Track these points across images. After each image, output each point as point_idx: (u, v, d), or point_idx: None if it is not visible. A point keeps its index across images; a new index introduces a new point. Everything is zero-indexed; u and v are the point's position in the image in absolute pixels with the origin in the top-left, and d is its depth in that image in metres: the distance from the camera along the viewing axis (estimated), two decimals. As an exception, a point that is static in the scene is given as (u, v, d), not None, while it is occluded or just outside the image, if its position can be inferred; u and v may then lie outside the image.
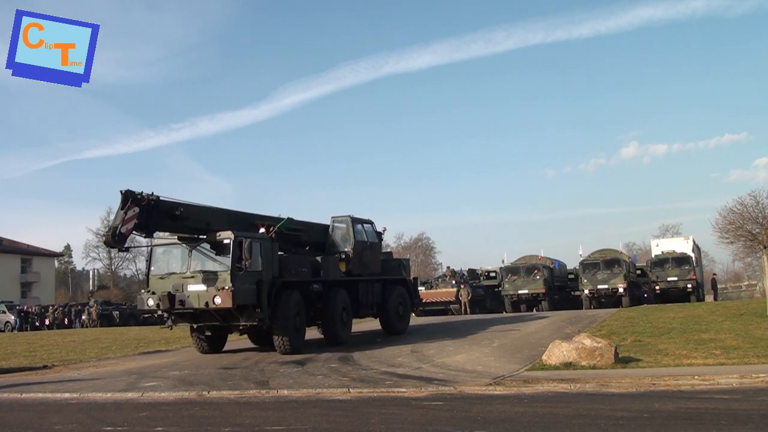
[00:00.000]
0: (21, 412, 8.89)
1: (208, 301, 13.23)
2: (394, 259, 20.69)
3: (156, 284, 14.15)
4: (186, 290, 13.65)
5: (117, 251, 14.68)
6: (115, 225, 12.29)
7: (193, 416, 7.89)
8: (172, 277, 13.99)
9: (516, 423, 6.73)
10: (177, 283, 13.78)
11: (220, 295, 13.08)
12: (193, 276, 13.75)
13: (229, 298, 13.03)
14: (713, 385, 8.87)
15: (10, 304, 44.53)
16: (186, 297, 13.55)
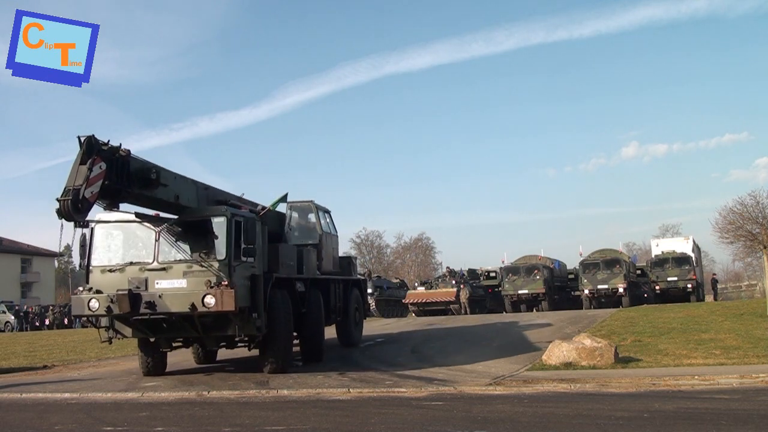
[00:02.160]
0: (21, 412, 8.89)
1: (195, 303, 9.86)
2: (343, 256, 17.08)
3: (101, 279, 10.57)
4: (154, 287, 10.27)
5: (74, 225, 9.35)
6: (77, 186, 8.58)
7: (193, 416, 7.89)
8: (129, 270, 10.48)
9: (516, 423, 6.73)
10: (137, 277, 10.34)
11: (214, 294, 9.83)
12: (165, 268, 10.36)
13: (231, 299, 9.81)
14: (713, 385, 8.87)
15: (10, 304, 44.54)
16: (157, 297, 10.05)
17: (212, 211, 10.86)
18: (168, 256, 10.56)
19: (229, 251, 10.33)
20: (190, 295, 10.03)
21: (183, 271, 10.35)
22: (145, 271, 10.48)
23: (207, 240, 10.51)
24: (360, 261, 68.89)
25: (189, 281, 10.26)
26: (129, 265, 10.62)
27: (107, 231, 11.00)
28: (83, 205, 8.74)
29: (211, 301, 9.88)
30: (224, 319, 10.43)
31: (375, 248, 76.49)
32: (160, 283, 10.32)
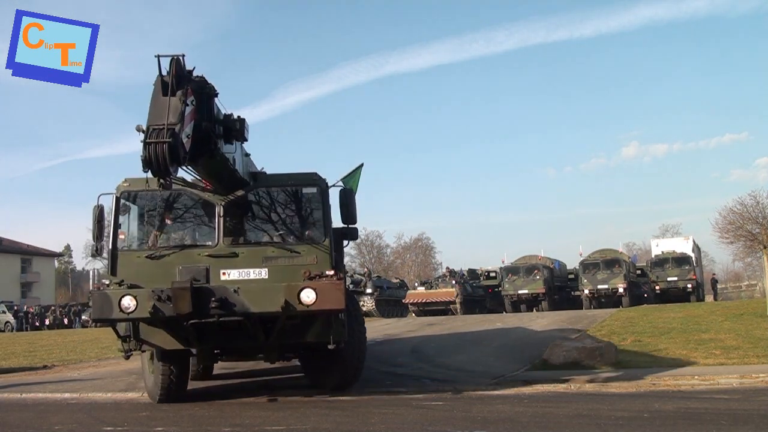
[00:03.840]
0: (21, 412, 8.89)
1: (290, 300, 7.44)
2: None
3: (136, 269, 7.95)
4: (219, 279, 7.83)
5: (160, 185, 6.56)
6: (171, 124, 6.31)
7: (193, 416, 7.89)
8: (182, 256, 8.01)
9: (516, 423, 6.73)
10: (193, 266, 7.90)
11: (315, 288, 7.47)
12: (236, 253, 8.00)
13: (340, 294, 7.58)
14: (713, 385, 8.88)
15: (10, 304, 44.56)
16: (231, 293, 7.49)
17: (300, 178, 8.55)
18: (237, 237, 8.24)
19: (328, 232, 8.29)
20: (280, 289, 7.53)
21: (263, 257, 7.99)
22: (204, 256, 7.94)
23: (291, 216, 8.58)
24: (360, 261, 68.96)
25: (272, 271, 7.92)
26: (181, 248, 8.08)
27: (142, 202, 8.55)
28: (182, 152, 6.43)
29: (310, 297, 7.47)
30: (310, 321, 8.10)
31: (375, 248, 76.49)
32: (229, 274, 7.90)
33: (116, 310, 7.40)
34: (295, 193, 8.70)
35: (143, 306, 7.39)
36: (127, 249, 8.24)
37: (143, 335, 8.15)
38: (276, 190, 8.66)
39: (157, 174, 6.48)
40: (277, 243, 8.25)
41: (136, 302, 7.40)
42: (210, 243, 8.19)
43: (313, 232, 8.43)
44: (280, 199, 8.70)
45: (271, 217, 8.69)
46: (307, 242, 8.26)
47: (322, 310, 7.62)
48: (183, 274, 7.80)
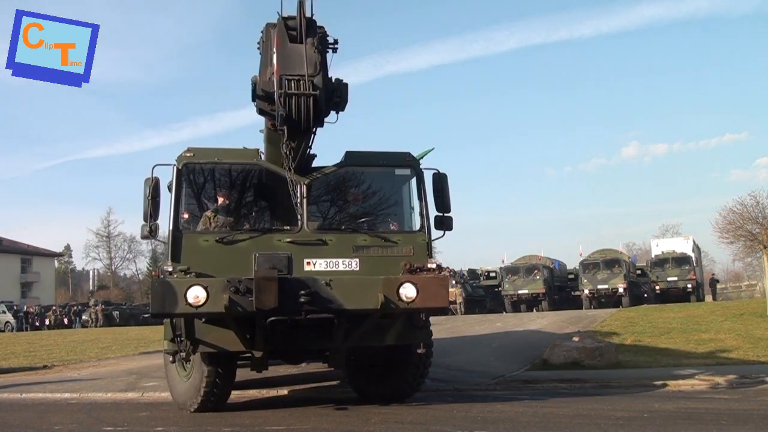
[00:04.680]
0: (21, 412, 8.89)
1: (389, 295, 6.56)
2: None
3: (203, 255, 6.87)
4: (303, 270, 6.89)
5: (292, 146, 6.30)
6: (311, 75, 5.80)
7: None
8: (260, 241, 6.99)
9: (516, 423, 6.72)
10: (272, 253, 6.90)
11: (416, 283, 6.66)
12: (323, 240, 7.06)
13: (444, 289, 6.94)
14: (713, 385, 8.88)
15: (10, 304, 44.58)
16: (322, 286, 6.52)
17: (391, 158, 7.63)
18: (323, 222, 7.30)
19: (425, 220, 7.38)
20: (378, 283, 6.61)
21: (353, 245, 7.07)
22: (285, 243, 6.94)
23: (383, 201, 7.71)
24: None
25: (364, 262, 7.03)
26: (260, 233, 7.04)
27: (207, 176, 7.42)
28: (324, 109, 5.84)
29: (411, 293, 6.60)
30: (392, 321, 7.23)
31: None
32: (314, 264, 6.92)
33: (182, 303, 6.23)
34: (386, 174, 7.72)
35: (216, 299, 6.25)
36: (192, 231, 7.06)
37: (199, 334, 6.91)
38: (366, 170, 7.65)
39: (295, 135, 5.81)
40: (369, 230, 7.28)
41: (207, 294, 6.27)
42: (292, 228, 7.10)
43: (408, 220, 7.60)
44: (369, 180, 7.68)
45: (361, 201, 7.72)
46: (402, 231, 7.40)
47: (423, 307, 6.86)
48: (261, 262, 6.73)
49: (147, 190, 7.02)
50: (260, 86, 6.26)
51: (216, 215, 7.28)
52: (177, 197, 7.09)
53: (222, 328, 6.92)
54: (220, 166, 7.45)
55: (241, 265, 6.75)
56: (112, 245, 74.50)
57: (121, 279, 78.60)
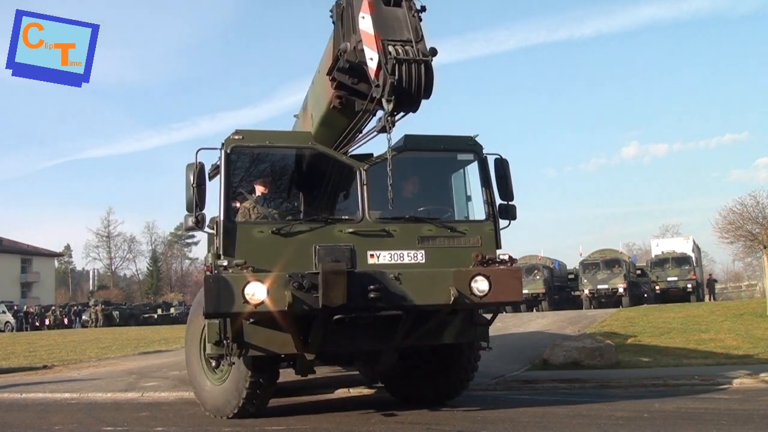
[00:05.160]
0: (21, 412, 8.89)
1: (461, 290, 6.23)
2: None
3: (257, 247, 6.22)
4: (367, 263, 6.30)
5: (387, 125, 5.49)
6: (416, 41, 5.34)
7: (193, 416, 7.89)
8: (318, 232, 6.37)
9: (516, 423, 6.72)
10: (333, 245, 6.32)
11: (488, 276, 6.34)
12: (386, 230, 6.48)
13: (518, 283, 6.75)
14: (713, 385, 8.88)
15: (10, 304, 44.60)
16: (391, 280, 6.09)
17: (454, 142, 7.08)
18: (385, 212, 6.59)
19: (492, 208, 6.87)
20: (449, 276, 6.24)
21: (418, 236, 6.56)
22: (346, 234, 6.39)
23: (445, 188, 7.28)
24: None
25: (430, 253, 6.51)
26: (322, 223, 6.43)
27: (256, 162, 6.88)
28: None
29: (483, 287, 6.26)
30: (456, 317, 6.84)
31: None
32: (378, 256, 6.38)
33: (239, 301, 5.77)
34: (448, 160, 7.23)
35: (278, 296, 5.79)
36: (245, 221, 6.46)
37: (247, 337, 6.36)
38: (426, 155, 7.17)
39: (406, 106, 5.33)
40: (435, 220, 6.75)
41: (267, 291, 5.79)
42: (352, 217, 6.58)
43: (472, 209, 7.09)
44: (430, 166, 7.23)
45: (422, 188, 7.20)
46: (468, 220, 6.95)
47: (497, 302, 6.59)
48: (322, 255, 6.15)
49: (191, 176, 6.33)
50: (344, 57, 5.64)
51: (255, 206, 6.75)
52: (227, 184, 6.38)
53: (270, 329, 6.38)
54: (271, 150, 6.80)
55: (300, 258, 6.17)
56: (112, 245, 74.66)
57: (121, 279, 78.65)
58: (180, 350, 18.25)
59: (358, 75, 5.77)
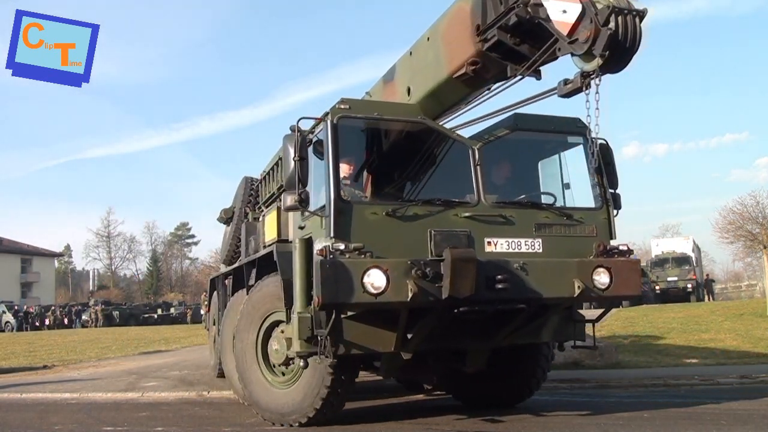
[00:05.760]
0: (21, 412, 8.89)
1: (583, 282, 5.80)
2: None
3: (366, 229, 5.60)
4: (484, 251, 5.76)
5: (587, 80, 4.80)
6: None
7: (193, 416, 7.89)
8: (438, 217, 5.81)
9: (516, 423, 6.72)
10: (448, 230, 5.72)
11: (609, 268, 5.97)
12: (504, 216, 5.97)
13: (637, 276, 6.37)
14: (713, 385, 8.88)
15: (10, 304, 44.62)
16: (515, 269, 5.62)
17: (562, 123, 6.60)
18: (500, 196, 6.16)
19: (605, 195, 6.43)
20: (572, 267, 5.86)
21: (534, 223, 6.08)
22: (462, 218, 5.86)
23: (552, 171, 6.78)
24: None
25: (547, 242, 6.05)
26: (438, 206, 5.86)
27: (363, 135, 6.27)
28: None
29: (605, 279, 5.91)
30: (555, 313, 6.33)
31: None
32: (496, 244, 5.86)
33: (358, 290, 5.22)
34: (557, 142, 6.74)
35: (399, 285, 5.27)
36: (360, 201, 5.85)
37: (348, 334, 5.79)
38: (536, 136, 6.70)
39: (615, 64, 4.84)
40: (551, 206, 6.29)
41: (387, 279, 5.26)
42: (467, 200, 6.01)
43: (574, 196, 6.58)
44: (540, 148, 6.77)
45: (529, 172, 6.73)
46: (581, 208, 6.39)
47: (618, 296, 6.16)
48: (438, 241, 5.59)
49: (292, 149, 5.67)
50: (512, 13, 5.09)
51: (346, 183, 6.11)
52: (335, 158, 5.70)
53: (365, 324, 5.84)
54: (379, 122, 6.14)
55: (414, 243, 5.60)
56: (112, 245, 74.70)
57: (121, 279, 78.68)
58: (180, 350, 18.28)
59: (523, 34, 5.15)
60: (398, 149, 6.32)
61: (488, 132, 6.37)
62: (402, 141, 6.31)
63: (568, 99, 5.22)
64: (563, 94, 5.19)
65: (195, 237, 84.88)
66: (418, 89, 6.17)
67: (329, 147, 5.76)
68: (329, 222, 5.58)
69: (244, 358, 7.10)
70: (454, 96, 6.03)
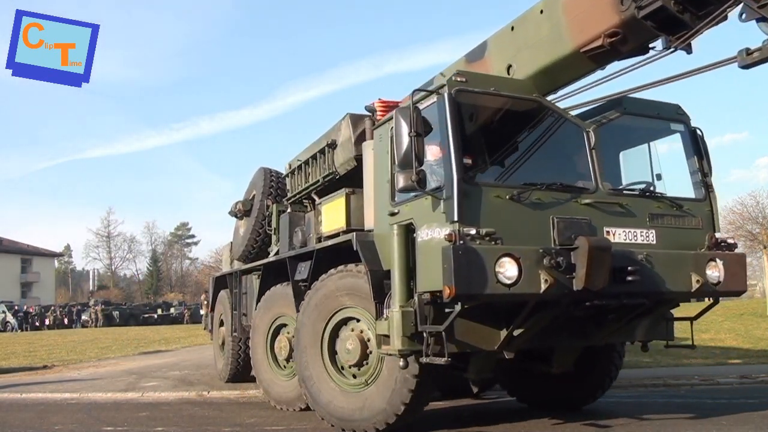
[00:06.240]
0: (21, 412, 8.89)
1: (698, 276, 5.55)
2: None
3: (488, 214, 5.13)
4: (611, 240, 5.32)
5: None
6: None
7: (193, 416, 7.89)
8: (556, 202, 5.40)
9: (515, 423, 6.73)
10: (571, 219, 5.33)
11: (723, 262, 5.73)
12: (620, 204, 5.66)
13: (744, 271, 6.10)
14: (713, 385, 8.88)
15: (10, 304, 44.64)
16: (640, 261, 5.31)
17: (662, 109, 6.33)
18: (615, 183, 5.89)
19: (709, 186, 6.27)
20: (689, 260, 5.60)
21: (649, 213, 5.76)
22: (582, 206, 5.47)
23: (658, 159, 6.32)
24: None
25: (660, 234, 5.73)
26: (562, 192, 5.46)
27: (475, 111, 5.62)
28: None
29: (716, 275, 5.66)
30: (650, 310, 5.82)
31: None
32: (615, 234, 5.48)
33: (492, 279, 4.80)
34: (660, 128, 6.39)
35: (531, 275, 4.87)
36: (486, 183, 5.27)
37: (459, 332, 5.32)
38: (640, 122, 6.28)
39: None
40: (663, 196, 5.95)
41: (519, 268, 4.86)
42: (586, 186, 5.61)
43: (666, 186, 6.15)
44: (644, 133, 6.38)
45: (639, 158, 6.35)
46: (686, 198, 6.08)
47: (727, 291, 5.85)
48: (561, 229, 5.21)
49: (406, 124, 5.16)
50: None
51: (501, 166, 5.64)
52: (455, 135, 5.19)
53: (472, 321, 5.40)
54: (495, 98, 5.59)
55: (536, 230, 5.20)
56: (112, 245, 74.76)
57: (121, 279, 78.73)
58: (180, 350, 18.29)
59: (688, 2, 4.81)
60: (508, 128, 5.77)
61: (595, 114, 5.97)
62: (512, 119, 5.75)
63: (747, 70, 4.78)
64: (746, 65, 4.69)
65: (195, 237, 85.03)
66: (524, 66, 5.73)
67: (447, 122, 5.23)
68: (451, 205, 5.03)
69: (304, 359, 6.66)
70: (573, 73, 5.64)
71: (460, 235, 4.83)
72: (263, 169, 10.03)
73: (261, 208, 9.59)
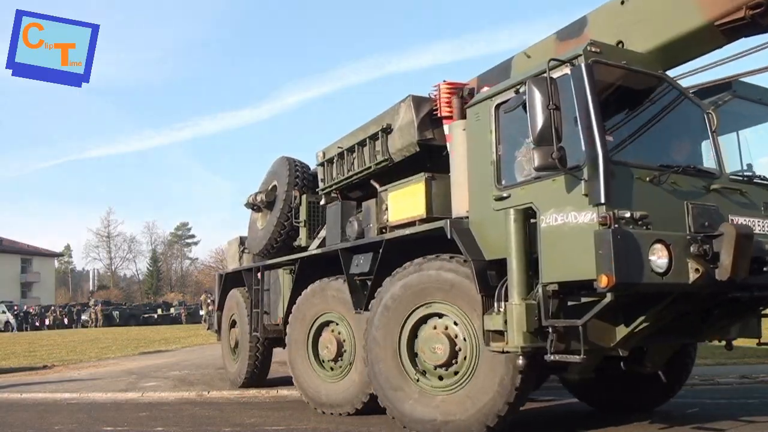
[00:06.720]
0: (21, 412, 8.89)
1: None
2: None
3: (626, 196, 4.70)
4: None
5: None
6: None
7: (193, 416, 7.89)
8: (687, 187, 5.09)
9: (515, 423, 6.72)
10: (702, 205, 5.03)
11: None
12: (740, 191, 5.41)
13: None
14: (713, 385, 8.89)
15: (10, 304, 44.66)
16: None
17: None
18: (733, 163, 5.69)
19: None
20: None
21: (764, 202, 5.52)
22: (711, 190, 5.20)
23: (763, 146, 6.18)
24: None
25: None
26: (695, 177, 5.18)
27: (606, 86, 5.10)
28: None
29: None
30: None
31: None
32: (737, 222, 5.13)
33: (647, 268, 4.44)
34: (758, 115, 6.08)
35: (680, 264, 4.53)
36: (627, 163, 4.86)
37: (592, 332, 4.89)
38: (753, 107, 6.02)
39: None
40: None
41: (670, 256, 4.51)
42: (711, 171, 5.34)
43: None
44: (750, 119, 6.12)
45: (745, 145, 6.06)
46: None
47: None
48: (695, 215, 4.90)
49: (542, 96, 4.70)
50: None
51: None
52: (596, 108, 4.75)
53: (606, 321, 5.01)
54: (626, 73, 5.18)
55: (672, 217, 4.86)
56: (112, 245, 74.78)
57: (121, 279, 78.76)
58: (180, 350, 18.29)
59: None
60: (633, 105, 5.42)
61: (702, 97, 5.65)
62: (637, 96, 5.41)
63: None
64: None
65: (195, 237, 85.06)
66: (641, 42, 5.37)
67: (587, 93, 4.78)
68: (597, 185, 4.59)
69: (385, 361, 6.13)
70: (699, 49, 5.32)
71: (614, 219, 4.44)
72: (286, 158, 9.48)
73: (287, 200, 9.02)
